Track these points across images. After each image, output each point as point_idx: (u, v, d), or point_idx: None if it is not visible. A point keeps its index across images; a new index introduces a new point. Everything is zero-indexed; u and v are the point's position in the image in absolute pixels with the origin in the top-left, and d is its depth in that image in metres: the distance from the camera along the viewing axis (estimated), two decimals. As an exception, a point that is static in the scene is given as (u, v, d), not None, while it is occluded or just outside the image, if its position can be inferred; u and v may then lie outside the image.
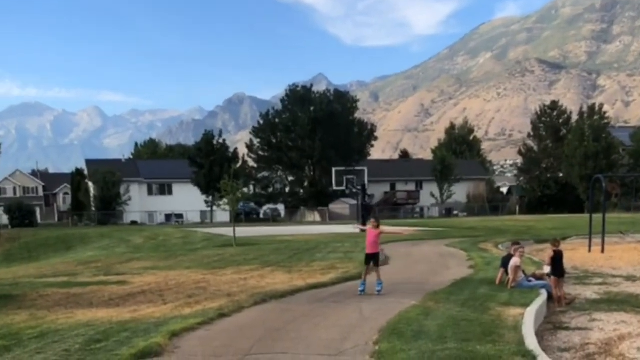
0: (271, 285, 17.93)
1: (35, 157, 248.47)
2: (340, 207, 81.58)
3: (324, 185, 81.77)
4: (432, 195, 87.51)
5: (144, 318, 13.04)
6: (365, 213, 47.90)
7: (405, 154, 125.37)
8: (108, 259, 32.55)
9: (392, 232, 18.83)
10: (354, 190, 54.30)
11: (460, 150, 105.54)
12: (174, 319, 12.45)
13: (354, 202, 70.10)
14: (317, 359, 9.14)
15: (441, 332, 10.74)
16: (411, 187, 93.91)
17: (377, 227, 16.11)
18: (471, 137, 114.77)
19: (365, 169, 55.99)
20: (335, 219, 76.96)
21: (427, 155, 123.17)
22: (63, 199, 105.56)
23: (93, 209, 77.60)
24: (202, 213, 79.23)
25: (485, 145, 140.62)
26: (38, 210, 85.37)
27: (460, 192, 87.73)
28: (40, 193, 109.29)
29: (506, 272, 16.93)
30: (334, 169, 55.14)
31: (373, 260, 16.00)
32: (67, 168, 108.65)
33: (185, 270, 24.10)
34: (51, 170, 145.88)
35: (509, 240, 28.19)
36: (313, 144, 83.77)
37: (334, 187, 60.46)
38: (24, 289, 19.96)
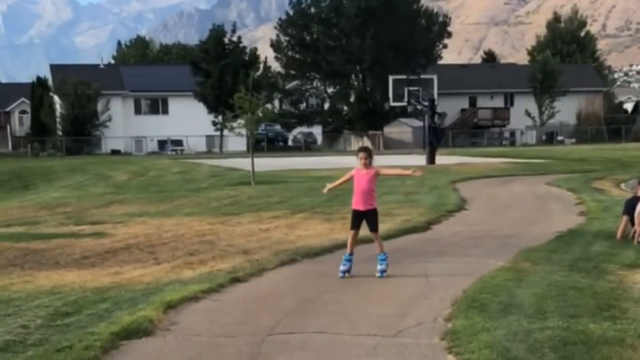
0: (303, 239, 17.97)
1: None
2: (399, 130, 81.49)
3: (377, 101, 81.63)
4: (528, 114, 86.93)
5: (129, 283, 13.15)
6: (434, 138, 47.74)
7: (491, 57, 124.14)
8: (80, 201, 32.85)
9: (396, 174, 15.94)
10: (419, 107, 54.12)
11: (567, 51, 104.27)
12: (170, 285, 12.53)
13: (419, 123, 69.94)
14: (366, 341, 9.09)
15: (540, 304, 10.66)
16: (498, 102, 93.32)
17: (370, 165, 13.49)
18: (583, 33, 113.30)
19: (435, 77, 55.74)
20: (392, 147, 76.87)
21: (522, 59, 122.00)
22: (19, 120, 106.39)
23: (60, 133, 78.13)
24: (209, 139, 79.58)
25: (602, 45, 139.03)
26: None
27: (567, 110, 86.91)
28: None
29: (631, 221, 16.78)
30: (391, 78, 55.01)
31: (368, 220, 13.47)
32: (25, 77, 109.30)
33: (185, 217, 24.29)
34: (3, 80, 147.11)
35: (636, 177, 27.93)
36: (363, 43, 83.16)
37: (391, 103, 60.49)
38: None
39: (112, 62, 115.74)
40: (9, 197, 41.29)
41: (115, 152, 75.34)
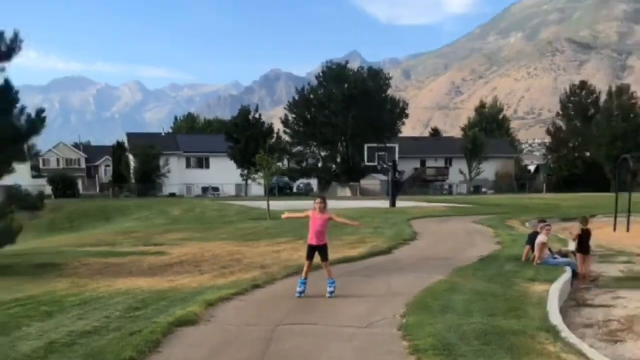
0: (303, 259, 17.85)
1: (78, 131, 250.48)
2: (371, 183, 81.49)
3: (356, 162, 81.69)
4: (461, 172, 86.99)
5: (182, 288, 13.19)
6: (395, 189, 47.97)
7: (435, 132, 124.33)
8: (147, 229, 32.85)
9: (344, 222, 13.76)
10: (385, 167, 54.25)
11: (490, 128, 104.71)
12: (210, 289, 12.57)
13: (384, 178, 70.11)
14: (347, 330, 9.19)
15: (468, 306, 10.76)
16: (441, 164, 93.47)
17: (324, 210, 12.24)
18: (501, 116, 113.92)
19: (397, 146, 56.09)
20: (366, 194, 76.86)
21: (457, 133, 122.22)
22: (105, 171, 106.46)
23: (133, 181, 78.23)
24: (238, 186, 79.51)
25: (514, 124, 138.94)
26: (80, 181, 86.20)
27: (488, 170, 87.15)
28: (83, 165, 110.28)
29: (532, 249, 16.89)
30: (366, 146, 55.19)
31: (320, 253, 12.26)
32: (109, 141, 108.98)
33: (220, 242, 24.27)
34: (93, 143, 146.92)
35: (536, 217, 28.03)
36: (346, 120, 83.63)
37: (366, 163, 60.51)
38: (66, 258, 20.23)
39: (171, 131, 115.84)
40: (97, 226, 41.31)
41: (172, 195, 75.24)
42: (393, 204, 45.16)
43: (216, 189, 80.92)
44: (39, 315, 10.55)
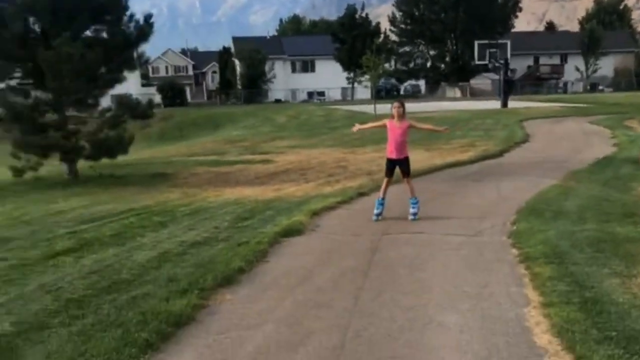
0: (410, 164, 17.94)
1: (185, 36, 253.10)
2: (481, 82, 79.72)
3: (466, 60, 79.83)
4: (577, 69, 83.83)
5: (287, 197, 13.42)
6: (507, 88, 46.85)
7: (550, 26, 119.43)
8: (253, 137, 33.37)
9: (428, 128, 12.21)
10: (496, 65, 52.91)
11: (609, 20, 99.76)
12: (315, 198, 12.74)
13: (496, 77, 68.33)
14: (454, 238, 9.14)
15: (581, 212, 10.52)
16: (555, 60, 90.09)
17: (403, 117, 10.72)
18: (621, 6, 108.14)
19: (509, 42, 54.52)
20: (476, 94, 75.40)
21: (574, 27, 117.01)
22: (211, 78, 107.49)
23: (239, 87, 79.02)
24: (343, 90, 79.28)
25: (636, 15, 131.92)
26: (188, 89, 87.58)
27: (606, 66, 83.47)
28: (190, 72, 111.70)
29: (652, 150, 16.29)
30: (476, 42, 53.96)
31: (401, 168, 10.84)
32: (216, 46, 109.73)
33: (326, 148, 24.47)
34: (200, 49, 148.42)
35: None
36: (456, 15, 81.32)
37: (476, 62, 59.22)
38: (176, 168, 20.89)
39: (276, 34, 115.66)
40: (205, 134, 42.13)
41: (277, 101, 75.67)
42: (504, 105, 44.23)
43: (321, 94, 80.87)
44: (152, 225, 11.01)
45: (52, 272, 8.00)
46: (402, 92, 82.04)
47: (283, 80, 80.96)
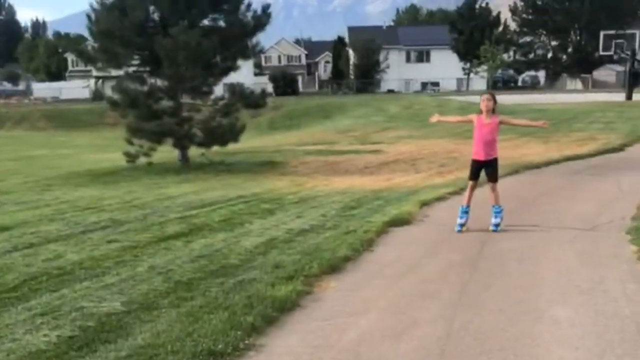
0: (525, 156, 17.66)
1: (299, 26, 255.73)
2: (604, 74, 77.13)
3: (589, 51, 77.45)
4: None
5: (397, 186, 13.43)
6: (632, 80, 45.35)
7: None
8: (364, 127, 33.45)
9: (525, 124, 11.67)
10: (622, 56, 51.28)
11: None
12: (425, 188, 12.71)
13: (621, 68, 66.10)
14: (569, 232, 8.95)
15: None
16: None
17: (493, 112, 9.40)
18: None
19: (637, 32, 52.61)
20: (598, 86, 73.03)
21: None
22: (324, 68, 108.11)
23: (352, 77, 79.24)
24: (458, 81, 78.32)
25: None
26: (300, 78, 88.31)
27: None
28: (303, 61, 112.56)
29: None
30: (602, 33, 52.42)
31: (487, 170, 9.44)
32: (330, 36, 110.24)
33: (438, 139, 24.29)
34: (314, 39, 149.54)
35: None
36: (582, 5, 78.97)
37: (600, 53, 57.46)
38: (285, 156, 21.19)
39: (392, 24, 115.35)
40: (315, 123, 42.50)
41: (390, 91, 75.41)
42: (629, 97, 42.84)
43: (435, 84, 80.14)
44: (260, 212, 11.24)
45: (162, 254, 8.29)
46: (519, 84, 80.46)
47: (397, 70, 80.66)
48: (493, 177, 9.34)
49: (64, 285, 6.96)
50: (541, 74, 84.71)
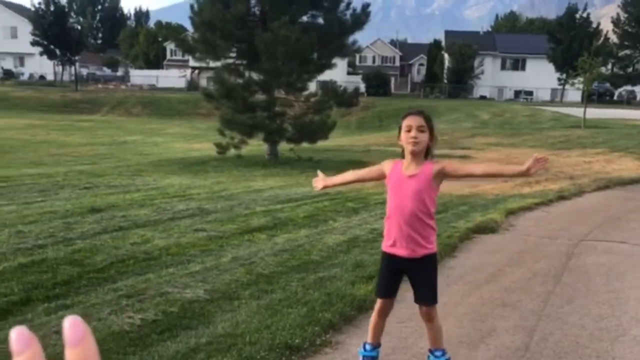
0: (617, 171, 17.18)
1: (396, 27, 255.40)
2: None
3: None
4: None
5: (483, 194, 13.25)
6: None
7: None
8: (454, 132, 33.11)
9: (491, 172, 5.37)
10: None
11: None
12: (512, 197, 12.50)
13: None
14: (657, 252, 8.66)
15: None
16: None
17: (426, 156, 4.46)
18: None
19: None
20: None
21: None
22: (417, 70, 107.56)
23: (445, 81, 78.65)
24: (553, 91, 76.80)
25: None
26: (393, 80, 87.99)
27: None
28: (397, 63, 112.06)
29: None
30: None
31: (413, 280, 4.61)
32: (426, 39, 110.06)
33: (528, 149, 23.86)
34: (410, 41, 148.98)
35: None
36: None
37: None
38: (373, 156, 21.11)
39: (489, 30, 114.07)
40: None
41: (482, 97, 74.67)
42: None
43: (529, 93, 78.79)
44: (344, 211, 11.25)
45: (246, 246, 8.37)
46: (615, 98, 78.31)
47: (491, 76, 79.73)
48: (427, 294, 4.56)
49: (150, 269, 7.13)
50: (638, 89, 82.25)
